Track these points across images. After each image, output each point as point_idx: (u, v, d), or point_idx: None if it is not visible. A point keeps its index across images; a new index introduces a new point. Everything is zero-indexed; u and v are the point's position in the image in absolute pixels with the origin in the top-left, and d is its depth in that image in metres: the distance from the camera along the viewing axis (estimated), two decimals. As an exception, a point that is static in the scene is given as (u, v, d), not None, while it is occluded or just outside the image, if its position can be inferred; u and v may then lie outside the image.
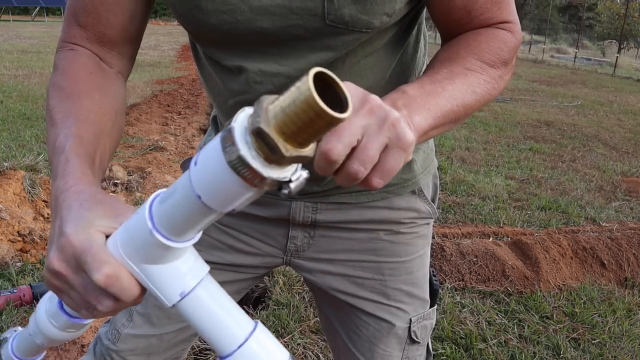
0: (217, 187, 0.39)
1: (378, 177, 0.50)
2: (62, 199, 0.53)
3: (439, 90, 0.61)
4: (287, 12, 0.65)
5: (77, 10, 0.72)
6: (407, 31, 0.77)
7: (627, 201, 3.91)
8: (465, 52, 0.67)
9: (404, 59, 0.78)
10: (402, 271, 0.89)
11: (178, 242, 0.45)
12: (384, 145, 0.49)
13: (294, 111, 0.35)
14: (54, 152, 0.61)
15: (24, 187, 2.84)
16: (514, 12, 0.71)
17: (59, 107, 0.66)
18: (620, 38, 18.98)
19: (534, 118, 6.95)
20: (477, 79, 0.65)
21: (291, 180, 0.39)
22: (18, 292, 2.07)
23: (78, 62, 0.72)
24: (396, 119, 0.49)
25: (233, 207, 0.41)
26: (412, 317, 0.91)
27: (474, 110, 0.66)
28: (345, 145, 0.46)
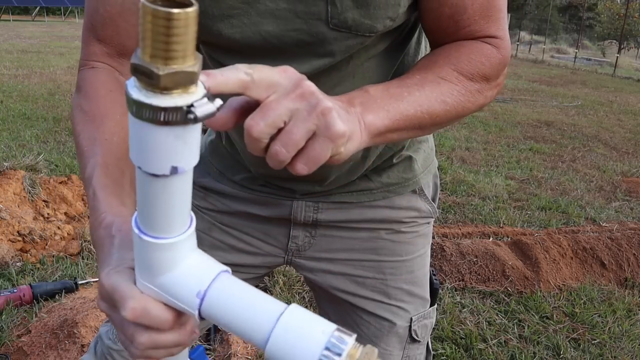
0: (141, 147, 0.39)
1: (302, 162, 0.49)
2: (95, 237, 0.56)
3: (404, 94, 0.60)
4: (291, 15, 0.66)
5: (96, 24, 0.72)
6: (409, 34, 0.77)
7: (627, 201, 3.91)
8: (443, 61, 0.66)
9: (406, 61, 0.79)
10: (402, 270, 0.90)
11: (169, 237, 0.45)
12: (311, 132, 0.48)
13: (141, 25, 0.35)
14: (85, 184, 0.64)
15: (24, 187, 2.84)
16: (503, 28, 0.70)
17: (84, 134, 0.67)
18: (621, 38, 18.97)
19: (534, 118, 6.95)
20: (450, 89, 0.64)
21: (193, 105, 0.38)
22: (18, 292, 2.07)
23: (98, 81, 0.72)
24: (327, 108, 0.48)
25: (172, 163, 0.40)
26: (413, 316, 0.91)
27: (444, 121, 0.65)
28: (268, 124, 0.46)
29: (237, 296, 0.46)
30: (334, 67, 0.71)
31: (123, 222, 0.54)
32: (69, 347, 1.79)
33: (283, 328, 0.43)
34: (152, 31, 0.35)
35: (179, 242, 0.45)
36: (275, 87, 0.47)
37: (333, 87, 0.73)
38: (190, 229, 0.46)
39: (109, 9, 0.70)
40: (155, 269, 0.46)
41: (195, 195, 0.91)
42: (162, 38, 0.35)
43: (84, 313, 1.92)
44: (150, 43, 0.35)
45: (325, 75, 0.72)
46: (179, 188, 0.43)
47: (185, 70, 0.37)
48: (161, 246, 0.45)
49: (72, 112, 0.71)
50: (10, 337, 1.89)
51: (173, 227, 0.45)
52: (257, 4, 0.66)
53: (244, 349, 1.87)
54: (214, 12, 0.67)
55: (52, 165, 3.76)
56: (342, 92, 0.73)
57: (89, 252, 2.53)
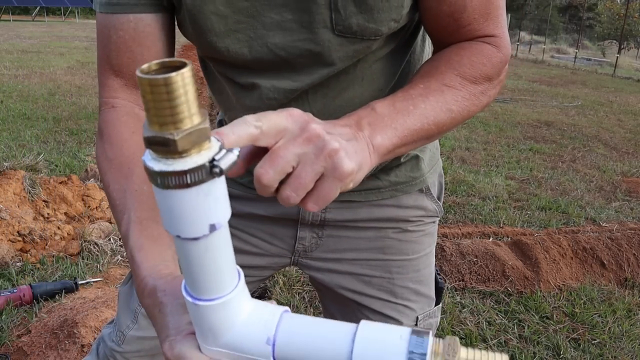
0: (174, 215, 0.40)
1: (312, 202, 0.50)
2: (144, 305, 0.56)
3: (410, 108, 0.60)
4: (297, 26, 0.66)
5: (110, 54, 0.71)
6: (414, 33, 0.77)
7: (627, 201, 3.91)
8: (445, 67, 0.66)
9: (413, 60, 0.79)
10: (409, 269, 0.90)
11: (224, 295, 0.44)
12: (319, 174, 0.49)
13: (143, 97, 0.36)
14: (122, 240, 0.64)
15: (24, 187, 2.84)
16: (502, 26, 0.70)
17: (113, 184, 0.67)
18: (621, 38, 18.97)
19: (534, 118, 6.95)
20: (454, 96, 0.64)
21: (214, 159, 0.39)
22: (18, 292, 2.07)
23: (120, 123, 0.71)
24: (334, 150, 0.49)
25: (209, 222, 0.41)
26: (419, 315, 0.91)
27: (450, 127, 0.65)
28: (277, 171, 0.47)
29: (306, 331, 0.46)
30: (342, 71, 0.72)
31: (166, 284, 0.54)
32: (69, 347, 1.78)
33: (361, 347, 0.43)
34: (155, 100, 0.35)
35: (235, 297, 0.45)
36: (283, 133, 0.48)
37: (342, 91, 0.73)
38: (241, 280, 0.46)
39: (122, 34, 0.69)
40: (218, 330, 0.45)
41: None
42: (166, 104, 0.36)
43: (84, 313, 1.92)
44: (157, 112, 0.36)
45: (334, 80, 0.72)
46: (221, 244, 0.43)
47: (198, 129, 0.37)
48: (218, 307, 0.44)
49: (97, 159, 0.71)
50: (10, 337, 1.89)
51: (225, 285, 0.45)
52: (262, 17, 0.66)
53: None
54: (221, 29, 0.67)
55: (52, 165, 3.76)
56: (351, 96, 0.74)
57: (88, 252, 2.53)
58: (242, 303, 0.46)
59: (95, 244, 2.57)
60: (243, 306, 0.46)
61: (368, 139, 0.55)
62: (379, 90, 0.76)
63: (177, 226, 0.40)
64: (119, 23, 0.69)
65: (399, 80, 0.78)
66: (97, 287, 2.28)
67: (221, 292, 0.44)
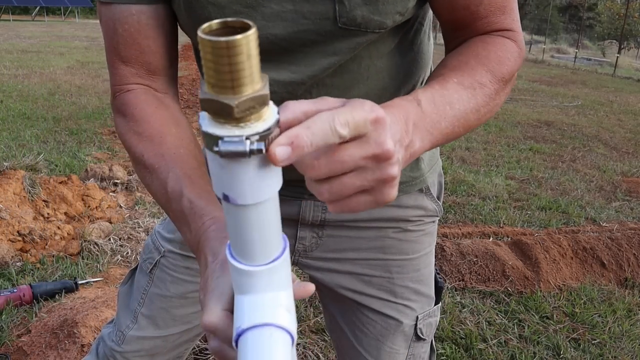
0: (226, 180, 0.39)
1: (339, 207, 0.47)
2: (203, 240, 0.55)
3: (446, 108, 0.58)
4: (298, 17, 0.65)
5: (118, 47, 0.71)
6: (418, 30, 0.77)
7: (627, 201, 3.91)
8: (475, 61, 0.64)
9: (418, 59, 0.79)
10: (409, 269, 0.90)
11: (266, 263, 0.44)
12: (363, 189, 0.46)
13: (205, 60, 0.34)
14: (169, 199, 0.63)
15: (24, 186, 2.84)
16: (517, 21, 0.70)
17: (149, 152, 0.67)
18: (621, 38, 18.97)
19: (534, 118, 6.95)
20: (484, 96, 0.63)
21: (270, 129, 0.37)
22: (18, 292, 2.07)
23: (141, 102, 0.72)
24: (391, 177, 0.46)
25: (263, 190, 0.40)
26: (419, 314, 0.91)
27: (473, 128, 0.65)
28: (330, 172, 0.44)
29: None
30: (347, 70, 0.71)
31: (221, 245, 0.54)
32: (69, 347, 1.78)
33: None
34: (216, 63, 0.34)
35: (279, 265, 0.45)
36: (359, 137, 0.43)
37: (346, 90, 0.73)
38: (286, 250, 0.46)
39: (127, 27, 0.70)
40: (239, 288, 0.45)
41: None
42: (227, 68, 0.34)
43: (84, 313, 1.92)
44: (217, 75, 0.34)
45: (338, 78, 0.71)
46: (271, 211, 0.43)
47: (258, 95, 0.36)
48: (262, 273, 0.44)
49: (123, 136, 0.71)
50: (10, 337, 1.89)
51: (271, 252, 0.44)
52: (261, 7, 0.65)
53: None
54: (219, 19, 0.67)
55: (52, 165, 3.76)
56: (356, 95, 0.73)
57: (88, 252, 2.53)
58: (284, 271, 0.46)
59: (95, 244, 2.57)
60: (284, 274, 0.46)
61: (409, 144, 0.52)
62: (383, 89, 0.76)
63: (229, 192, 0.39)
64: (123, 16, 0.69)
65: (404, 79, 0.77)
66: (97, 287, 2.28)
67: (267, 259, 0.44)
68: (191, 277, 0.89)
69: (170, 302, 0.90)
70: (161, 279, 0.90)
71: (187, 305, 0.91)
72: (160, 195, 0.66)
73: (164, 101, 0.74)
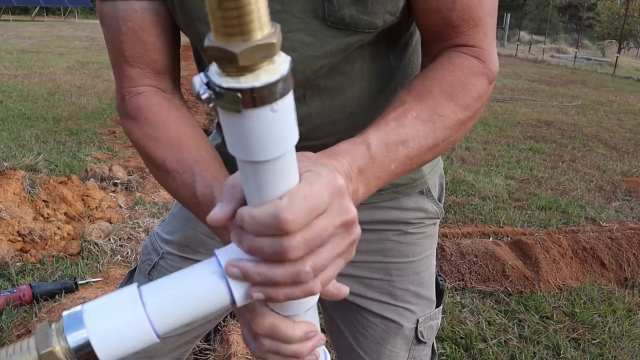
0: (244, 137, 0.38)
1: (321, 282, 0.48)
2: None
3: (399, 149, 0.58)
4: (288, 16, 0.65)
5: (123, 46, 0.70)
6: (414, 31, 0.76)
7: (627, 201, 3.91)
8: (438, 90, 0.62)
9: (414, 61, 0.78)
10: (409, 271, 0.89)
11: None
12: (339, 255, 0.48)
13: (211, 7, 0.32)
14: (199, 203, 0.62)
15: (24, 187, 2.83)
16: (490, 39, 0.67)
17: (170, 158, 0.66)
18: (620, 38, 18.97)
19: (534, 118, 6.95)
20: (444, 129, 0.61)
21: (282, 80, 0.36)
22: (18, 292, 2.07)
23: (153, 105, 0.71)
24: (357, 238, 0.49)
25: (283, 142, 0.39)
26: (419, 317, 0.91)
27: (428, 162, 0.64)
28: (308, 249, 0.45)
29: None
30: (340, 71, 0.70)
31: None
32: (68, 347, 1.78)
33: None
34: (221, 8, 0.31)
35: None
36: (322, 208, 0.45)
37: (340, 92, 0.72)
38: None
39: (131, 25, 0.69)
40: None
41: None
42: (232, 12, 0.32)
43: (84, 313, 1.91)
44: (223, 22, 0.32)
45: (331, 81, 0.71)
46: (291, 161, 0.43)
47: (264, 43, 0.34)
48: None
49: (139, 142, 0.70)
50: (10, 337, 1.89)
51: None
52: None
53: (244, 349, 1.87)
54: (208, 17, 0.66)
55: (52, 165, 3.76)
56: (350, 97, 0.73)
57: (88, 252, 2.53)
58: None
59: (95, 244, 2.57)
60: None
61: (354, 190, 0.53)
62: (378, 91, 0.75)
63: (247, 150, 0.38)
64: (126, 14, 0.68)
65: (401, 81, 0.77)
66: (97, 287, 2.28)
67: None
68: None
69: None
70: None
71: None
72: (188, 200, 0.65)
73: (174, 102, 0.73)
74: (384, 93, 0.76)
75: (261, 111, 0.36)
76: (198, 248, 0.89)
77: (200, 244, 0.89)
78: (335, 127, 0.75)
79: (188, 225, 0.90)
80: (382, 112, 0.62)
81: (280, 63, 0.36)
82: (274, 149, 0.39)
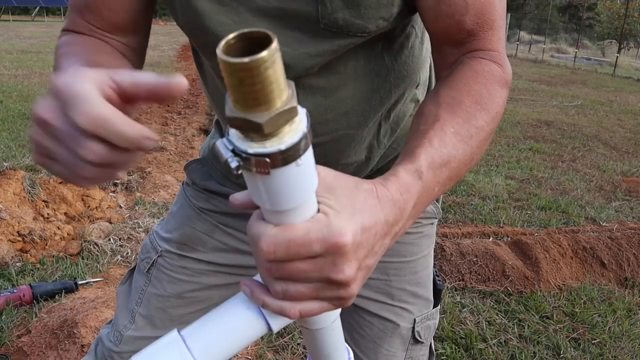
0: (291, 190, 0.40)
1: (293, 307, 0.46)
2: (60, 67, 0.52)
3: (442, 171, 0.55)
4: (282, 14, 0.65)
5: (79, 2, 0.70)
6: (410, 33, 0.75)
7: (627, 201, 3.91)
8: (469, 100, 0.60)
9: (410, 61, 0.77)
10: (406, 271, 0.89)
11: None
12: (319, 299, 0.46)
13: (228, 81, 0.33)
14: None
15: (23, 187, 2.83)
16: (503, 41, 0.67)
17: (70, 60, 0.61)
18: (620, 38, 18.97)
19: (534, 118, 6.95)
20: (479, 142, 0.59)
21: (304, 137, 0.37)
22: (18, 292, 2.07)
23: (85, 39, 0.69)
24: (349, 298, 0.46)
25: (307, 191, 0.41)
26: (417, 317, 0.91)
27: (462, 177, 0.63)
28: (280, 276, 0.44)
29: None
30: (333, 70, 0.70)
31: None
32: (69, 347, 1.78)
33: None
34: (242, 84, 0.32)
35: None
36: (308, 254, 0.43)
37: (333, 91, 0.72)
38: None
39: None
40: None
41: (198, 198, 0.91)
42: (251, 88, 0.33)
43: (84, 313, 1.92)
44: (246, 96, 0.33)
45: (323, 78, 0.70)
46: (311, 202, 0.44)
47: (284, 109, 0.35)
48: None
49: (56, 61, 0.64)
50: (10, 337, 1.89)
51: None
52: (248, 1, 0.64)
53: (244, 348, 1.87)
54: (204, 8, 0.65)
55: (52, 166, 3.76)
56: (344, 97, 0.72)
57: (88, 252, 2.53)
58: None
59: (95, 244, 2.57)
60: None
61: (399, 231, 0.51)
62: (372, 91, 0.74)
63: (274, 202, 0.40)
64: None
65: (396, 82, 0.76)
66: (97, 287, 2.28)
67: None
68: (188, 277, 0.89)
69: (167, 302, 0.89)
70: (158, 278, 0.90)
71: (185, 305, 0.90)
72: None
73: (117, 52, 0.71)
74: (378, 93, 0.75)
75: (288, 168, 0.37)
76: (196, 246, 0.89)
77: (199, 243, 0.89)
78: (328, 127, 0.74)
79: (187, 223, 0.90)
80: (415, 129, 0.60)
81: (299, 121, 0.37)
82: (299, 197, 0.40)
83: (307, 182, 0.40)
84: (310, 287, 0.44)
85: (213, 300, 0.91)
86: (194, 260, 0.89)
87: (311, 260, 0.43)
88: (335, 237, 0.42)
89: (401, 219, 0.49)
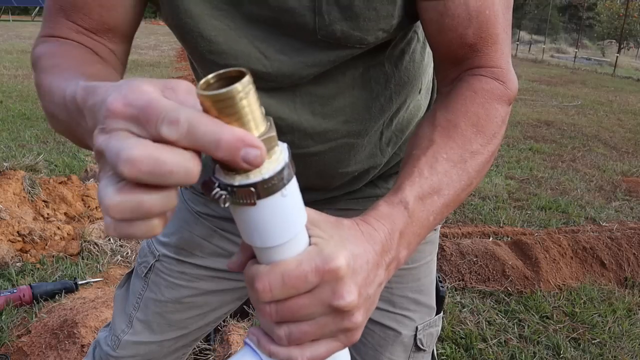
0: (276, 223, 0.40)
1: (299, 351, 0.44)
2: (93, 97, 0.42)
3: (435, 200, 0.54)
4: (277, 23, 0.63)
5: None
6: (412, 39, 0.74)
7: (627, 201, 3.91)
8: (465, 123, 0.59)
9: (412, 67, 0.76)
10: (408, 278, 0.88)
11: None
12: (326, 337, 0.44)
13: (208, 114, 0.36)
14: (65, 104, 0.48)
15: (23, 187, 2.83)
16: (507, 56, 0.65)
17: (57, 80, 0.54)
18: (620, 38, 18.96)
19: (534, 118, 6.95)
20: (476, 166, 0.58)
21: (286, 167, 0.39)
22: (18, 292, 2.07)
23: (70, 47, 0.63)
24: (355, 326, 0.45)
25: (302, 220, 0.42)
26: (419, 324, 0.90)
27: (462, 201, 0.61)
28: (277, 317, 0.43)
29: None
30: (331, 79, 0.68)
31: None
32: (69, 347, 1.78)
33: None
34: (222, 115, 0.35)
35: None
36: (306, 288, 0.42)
37: (330, 99, 0.70)
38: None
39: None
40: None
41: (196, 201, 0.90)
42: (233, 117, 0.35)
43: (84, 313, 1.92)
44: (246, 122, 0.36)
45: (321, 86, 0.69)
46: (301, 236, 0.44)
47: (267, 136, 0.37)
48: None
49: (36, 77, 0.60)
50: (10, 337, 1.89)
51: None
52: (242, 7, 0.63)
53: (244, 349, 1.87)
54: (197, 11, 0.63)
55: (52, 166, 3.76)
56: (342, 105, 0.71)
57: (88, 252, 2.53)
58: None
59: (95, 244, 2.57)
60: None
61: (392, 260, 0.50)
62: (372, 99, 0.73)
63: (263, 238, 0.41)
64: None
65: (395, 89, 0.74)
66: (97, 287, 2.28)
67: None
68: (186, 282, 0.89)
69: (165, 306, 0.89)
70: (156, 283, 0.89)
71: (183, 311, 0.90)
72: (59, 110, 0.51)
73: (102, 59, 0.65)
74: (378, 101, 0.73)
75: (273, 199, 0.39)
76: (194, 251, 0.89)
77: (197, 248, 0.88)
78: (327, 136, 0.73)
79: (185, 227, 0.89)
80: (409, 153, 0.59)
81: (280, 152, 0.39)
82: (287, 231, 0.41)
83: (295, 215, 0.41)
84: (314, 325, 0.43)
85: (211, 306, 0.91)
86: (192, 265, 0.89)
87: (309, 294, 0.42)
88: (329, 263, 0.42)
89: (389, 248, 0.49)
